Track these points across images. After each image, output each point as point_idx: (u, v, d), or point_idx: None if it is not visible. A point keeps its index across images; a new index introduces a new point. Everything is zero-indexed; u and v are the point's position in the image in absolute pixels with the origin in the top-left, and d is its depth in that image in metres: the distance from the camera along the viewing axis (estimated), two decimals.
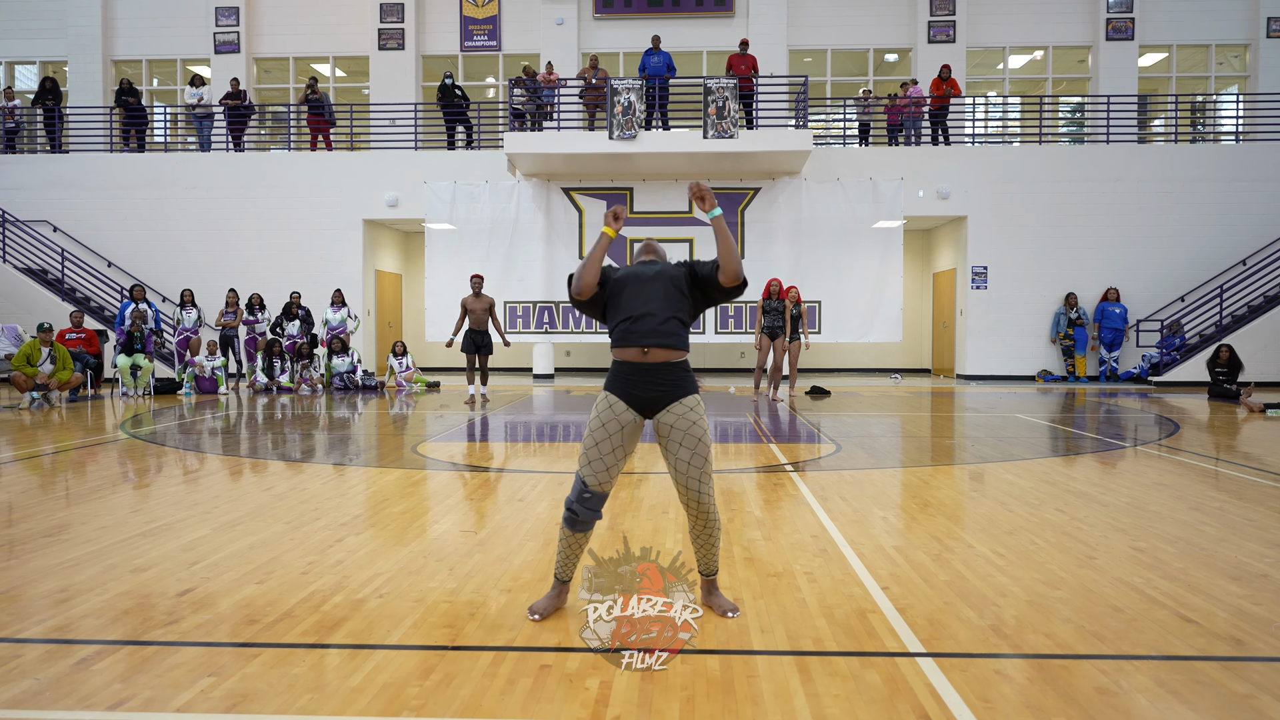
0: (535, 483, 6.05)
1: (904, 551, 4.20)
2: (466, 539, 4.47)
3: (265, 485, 5.99)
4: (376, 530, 4.67)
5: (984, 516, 4.98)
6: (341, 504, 5.36)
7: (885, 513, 5.10)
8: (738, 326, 16.59)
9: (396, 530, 4.66)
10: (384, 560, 4.07)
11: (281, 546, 4.30)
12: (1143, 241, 16.63)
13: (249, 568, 3.94)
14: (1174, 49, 19.23)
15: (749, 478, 6.31)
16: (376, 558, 4.11)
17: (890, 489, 5.93)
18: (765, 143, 15.29)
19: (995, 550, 4.23)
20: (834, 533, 4.57)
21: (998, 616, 3.30)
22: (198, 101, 17.64)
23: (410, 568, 3.94)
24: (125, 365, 13.06)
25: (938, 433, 9.29)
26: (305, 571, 3.87)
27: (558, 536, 3.66)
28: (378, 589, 3.63)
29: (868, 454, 7.58)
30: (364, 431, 9.56)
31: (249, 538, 4.49)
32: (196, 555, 4.15)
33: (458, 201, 16.53)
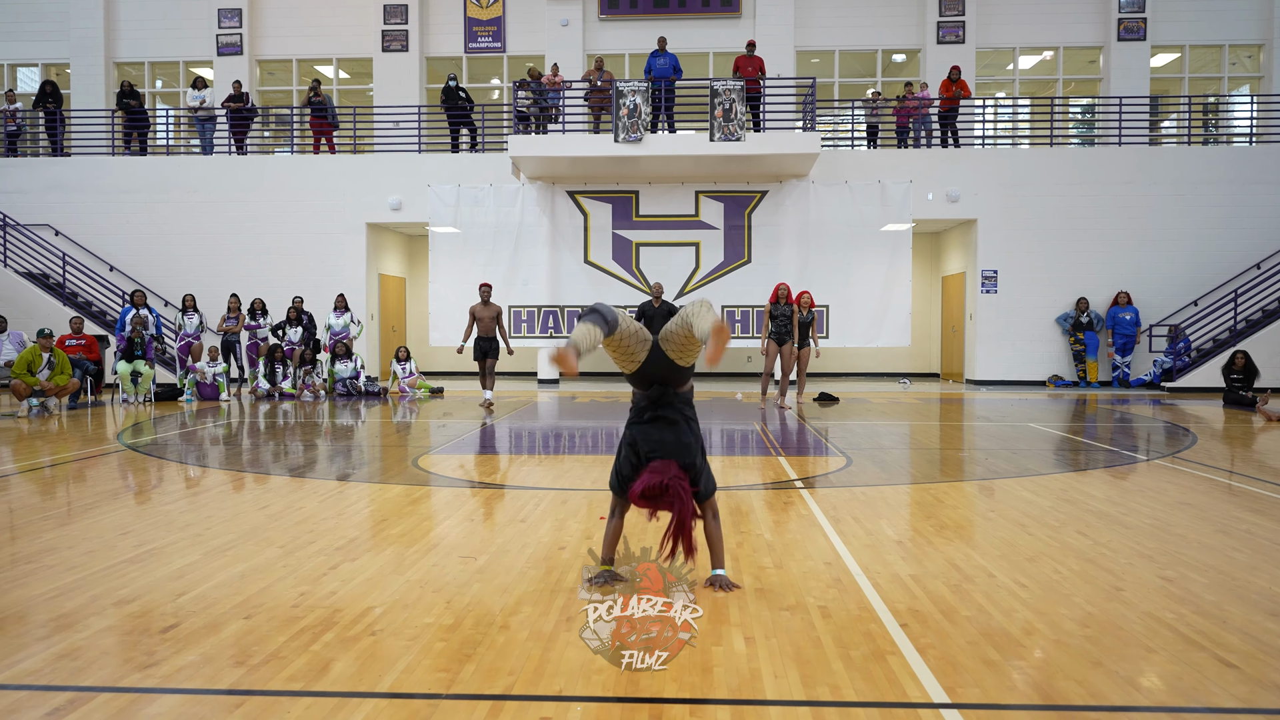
0: (539, 501, 5.88)
1: (922, 582, 4.02)
2: (465, 565, 4.30)
3: (261, 503, 5.83)
4: (373, 555, 4.50)
5: (1003, 541, 4.80)
6: (339, 524, 5.19)
7: (900, 536, 4.92)
8: (743, 331, 16.40)
9: (394, 556, 4.49)
10: (379, 591, 3.90)
11: (274, 574, 4.14)
12: (1154, 245, 16.41)
13: (238, 599, 3.77)
14: (1186, 49, 18.99)
15: (757, 495, 6.14)
16: (372, 588, 3.94)
17: (903, 508, 5.75)
18: (772, 145, 15.11)
19: (1017, 580, 4.05)
20: (848, 559, 4.39)
21: (1025, 659, 3.12)
22: (200, 104, 17.52)
23: (406, 599, 3.77)
24: (125, 372, 12.92)
25: (949, 444, 9.11)
26: (296, 604, 3.70)
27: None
28: (370, 625, 3.46)
29: (879, 468, 7.39)
30: (366, 442, 9.40)
31: (240, 564, 4.32)
32: (185, 584, 3.99)
33: (461, 205, 16.37)
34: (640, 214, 16.48)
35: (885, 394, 15.17)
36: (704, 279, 16.40)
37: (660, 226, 16.47)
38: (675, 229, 16.47)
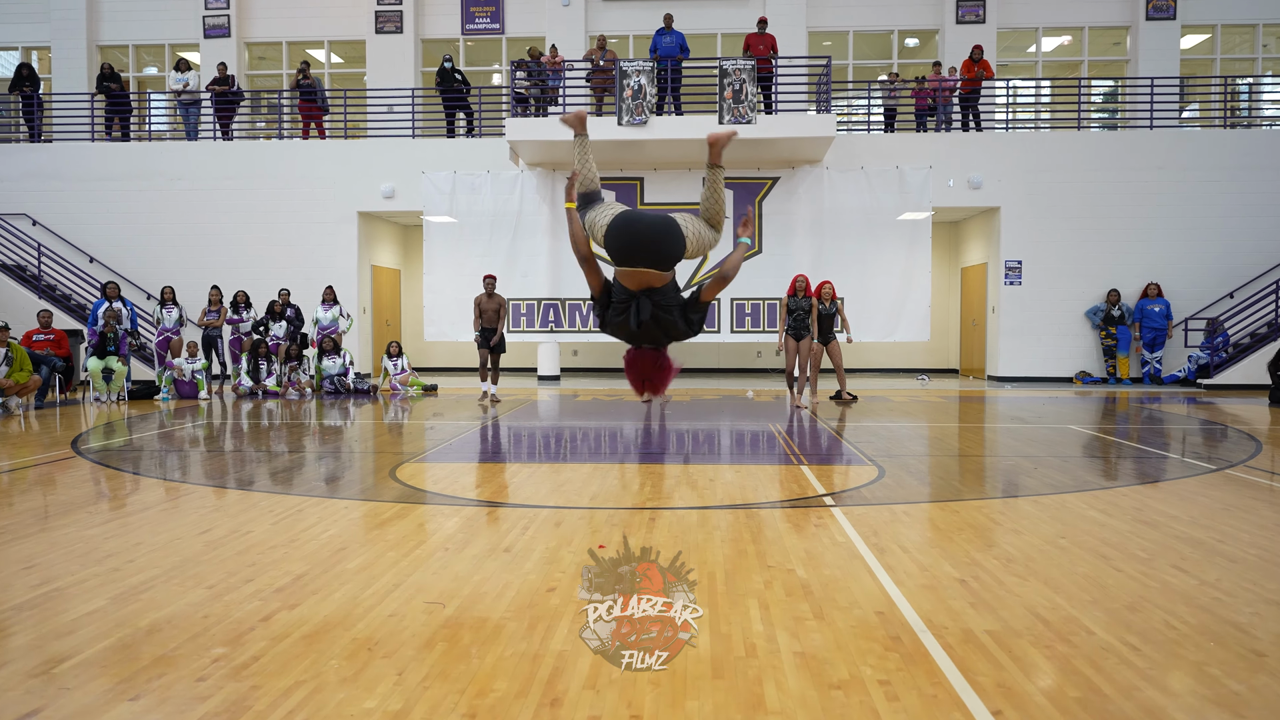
0: (528, 523, 5.05)
1: (1005, 643, 3.18)
2: (431, 615, 3.47)
3: (204, 525, 5.01)
4: (319, 600, 3.67)
5: (1089, 580, 3.95)
6: (287, 555, 4.36)
7: (961, 572, 4.07)
8: (754, 325, 15.56)
9: (345, 601, 3.66)
10: (313, 657, 3.07)
11: (188, 630, 3.31)
12: (1187, 233, 15.51)
13: (128, 671, 2.94)
14: (1218, 29, 18.07)
15: (782, 515, 5.30)
16: (306, 651, 3.11)
17: (956, 533, 4.90)
18: (785, 128, 14.23)
19: (1124, 640, 3.21)
20: (904, 607, 3.55)
21: None
22: (183, 87, 16.68)
23: (346, 672, 2.94)
24: (97, 369, 12.11)
25: (989, 449, 8.24)
26: (202, 678, 2.87)
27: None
28: (291, 710, 2.64)
29: (917, 480, 6.55)
30: (345, 447, 8.58)
31: (152, 613, 3.50)
32: (70, 646, 3.16)
33: (458, 193, 15.52)
34: (645, 201, 15.62)
35: (904, 391, 14.31)
36: (712, 269, 15.53)
37: None
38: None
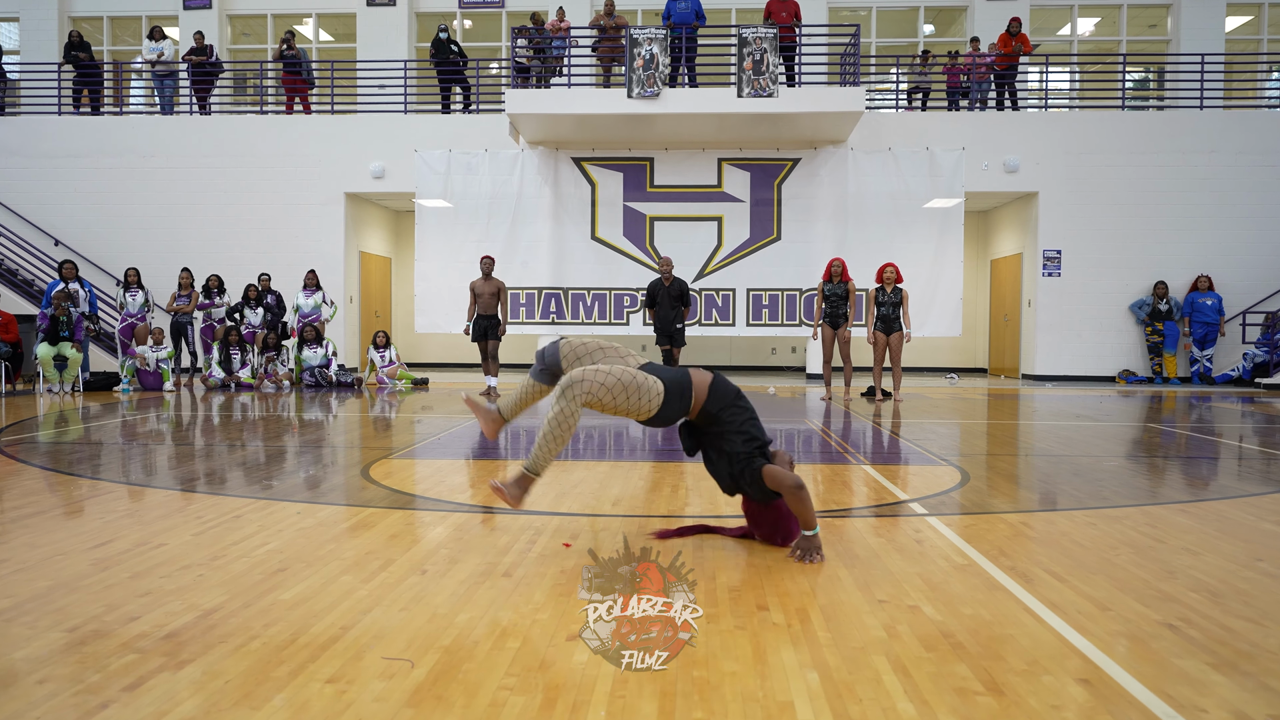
0: (535, 534, 3.84)
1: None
2: (391, 683, 2.26)
3: (103, 537, 3.78)
4: (222, 655, 2.45)
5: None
6: (204, 578, 3.15)
7: (1159, 612, 2.86)
8: (772, 318, 14.32)
9: (260, 658, 2.44)
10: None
11: (28, 699, 2.10)
12: (1240, 222, 14.36)
13: None
14: (1265, 8, 16.97)
15: (867, 526, 4.10)
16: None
17: (1111, 553, 3.67)
18: (808, 102, 13.04)
19: None
20: (1113, 671, 2.34)
21: None
22: (157, 58, 15.47)
23: None
24: (47, 356, 10.89)
25: (1072, 447, 7.02)
26: None
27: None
28: None
29: (1013, 484, 5.35)
30: (315, 441, 7.37)
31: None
32: None
33: (453, 173, 14.30)
34: (655, 184, 14.42)
35: (938, 389, 13.12)
36: (727, 258, 14.33)
37: (678, 198, 14.40)
38: (695, 201, 14.40)
